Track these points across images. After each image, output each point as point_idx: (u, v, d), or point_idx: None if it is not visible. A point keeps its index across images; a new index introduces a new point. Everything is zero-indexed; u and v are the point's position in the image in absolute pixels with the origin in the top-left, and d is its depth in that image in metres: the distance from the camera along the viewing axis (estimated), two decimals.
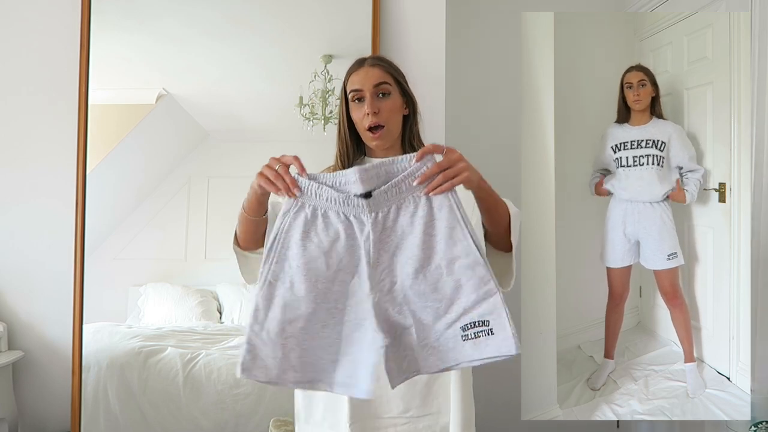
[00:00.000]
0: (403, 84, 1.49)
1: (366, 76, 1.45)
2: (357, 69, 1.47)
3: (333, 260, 1.20)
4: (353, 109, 1.46)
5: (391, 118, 1.44)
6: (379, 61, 1.49)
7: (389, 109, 1.44)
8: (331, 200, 1.20)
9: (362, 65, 1.48)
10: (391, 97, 1.45)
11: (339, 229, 1.20)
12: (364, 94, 1.44)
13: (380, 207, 1.20)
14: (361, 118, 1.44)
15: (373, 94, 1.43)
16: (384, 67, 1.47)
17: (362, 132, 1.46)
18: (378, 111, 1.42)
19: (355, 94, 1.45)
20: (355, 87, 1.45)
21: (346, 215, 1.20)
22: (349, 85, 1.47)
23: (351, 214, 1.20)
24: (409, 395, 1.42)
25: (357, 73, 1.46)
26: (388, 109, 1.44)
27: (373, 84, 1.43)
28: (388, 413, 1.42)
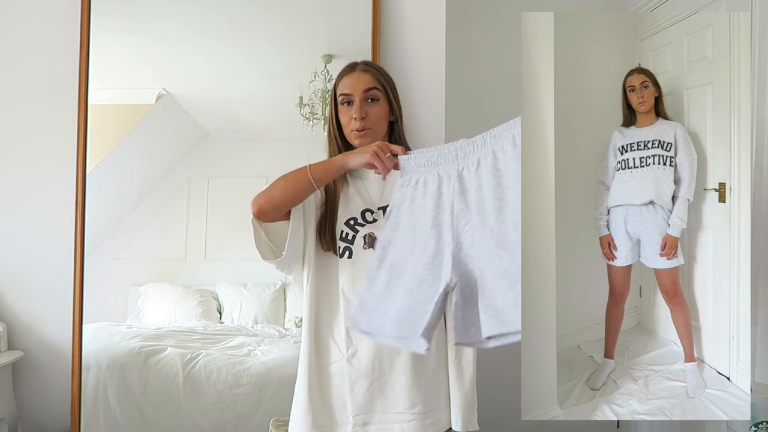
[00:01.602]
0: (391, 92, 1.53)
1: (357, 81, 1.49)
2: (348, 73, 1.51)
3: (430, 218, 1.29)
4: (342, 112, 1.51)
5: (378, 123, 1.50)
6: (369, 67, 1.53)
7: (377, 114, 1.49)
8: (429, 165, 1.32)
9: (354, 70, 1.51)
10: (379, 102, 1.50)
11: (434, 188, 1.30)
12: (353, 99, 1.48)
13: (466, 161, 1.30)
14: (349, 121, 1.49)
15: (362, 99, 1.48)
16: (374, 74, 1.51)
17: (347, 133, 1.51)
18: (366, 116, 1.48)
19: (344, 98, 1.50)
20: (345, 91, 1.50)
21: (440, 174, 1.31)
22: (339, 89, 1.52)
23: (443, 171, 1.31)
24: (415, 390, 1.42)
25: (348, 77, 1.51)
26: (375, 114, 1.49)
27: (363, 89, 1.48)
28: (394, 408, 1.43)
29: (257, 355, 2.22)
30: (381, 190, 1.51)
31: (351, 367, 1.44)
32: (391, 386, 1.42)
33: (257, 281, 2.38)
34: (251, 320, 2.35)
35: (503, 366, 2.72)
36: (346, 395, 1.44)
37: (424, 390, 1.43)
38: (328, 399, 1.47)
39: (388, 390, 1.42)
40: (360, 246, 1.45)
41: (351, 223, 1.47)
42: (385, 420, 1.43)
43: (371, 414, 1.43)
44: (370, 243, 1.45)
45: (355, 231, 1.46)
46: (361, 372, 1.43)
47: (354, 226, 1.47)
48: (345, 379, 1.44)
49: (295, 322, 2.35)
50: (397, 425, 1.42)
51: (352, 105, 1.49)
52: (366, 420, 1.43)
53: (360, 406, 1.43)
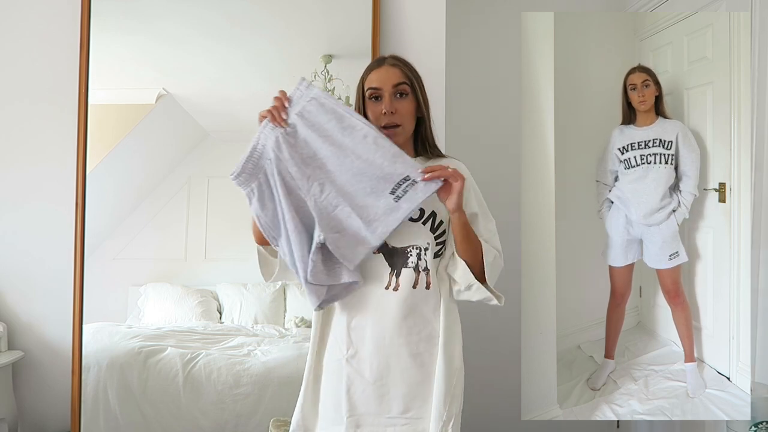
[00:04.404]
0: (419, 87, 1.50)
1: (386, 75, 1.47)
2: (377, 67, 1.49)
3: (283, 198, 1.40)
4: (369, 107, 1.48)
5: (407, 118, 1.47)
6: (398, 61, 1.50)
7: (406, 109, 1.46)
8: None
9: (382, 64, 1.49)
10: (408, 98, 1.47)
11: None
12: (382, 93, 1.46)
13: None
14: (377, 116, 1.46)
15: (392, 94, 1.46)
16: (403, 69, 1.49)
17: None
18: (395, 111, 1.45)
19: (373, 92, 1.47)
20: (374, 85, 1.47)
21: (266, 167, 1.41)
22: (367, 83, 1.49)
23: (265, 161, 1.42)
24: (410, 396, 1.42)
25: (377, 71, 1.48)
26: (404, 109, 1.46)
27: (393, 84, 1.46)
28: (387, 413, 1.42)
29: (257, 355, 2.22)
30: None
31: (350, 368, 1.43)
32: (387, 390, 1.42)
33: (257, 281, 2.38)
34: (251, 320, 2.35)
35: (503, 366, 2.72)
36: (342, 394, 1.44)
37: (420, 396, 1.42)
38: (325, 395, 1.48)
39: (385, 394, 1.42)
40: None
41: None
42: (379, 423, 1.43)
43: (365, 416, 1.43)
44: (379, 248, 1.44)
45: None
46: (359, 374, 1.43)
47: None
48: (343, 379, 1.44)
49: (295, 322, 2.35)
50: (390, 428, 1.42)
51: (380, 100, 1.46)
52: (359, 422, 1.43)
53: (355, 407, 1.43)
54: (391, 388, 1.42)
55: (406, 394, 1.41)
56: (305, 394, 1.49)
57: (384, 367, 1.42)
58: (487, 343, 2.59)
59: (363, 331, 1.43)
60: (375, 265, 1.43)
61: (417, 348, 1.42)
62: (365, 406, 1.42)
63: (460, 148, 1.53)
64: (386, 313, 1.41)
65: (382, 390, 1.42)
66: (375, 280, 1.43)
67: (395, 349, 1.41)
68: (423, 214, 1.44)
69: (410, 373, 1.41)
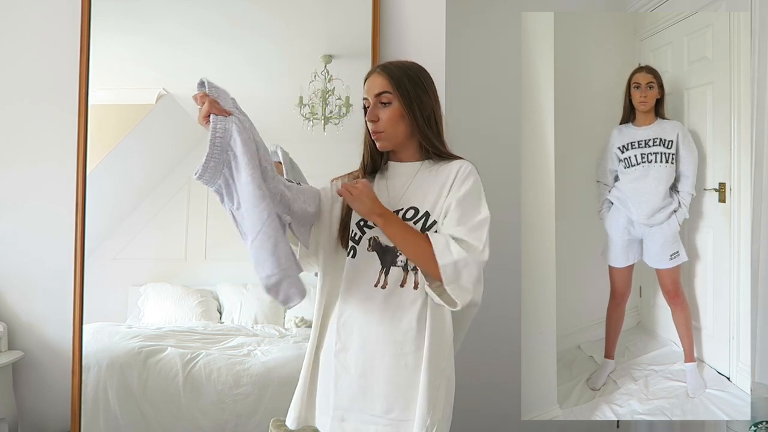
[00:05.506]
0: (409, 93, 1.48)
1: (371, 84, 1.49)
2: (368, 77, 1.52)
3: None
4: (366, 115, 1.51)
5: (389, 126, 1.48)
6: (384, 69, 1.50)
7: (387, 117, 1.47)
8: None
9: (372, 73, 1.52)
10: (390, 106, 1.48)
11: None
12: (369, 103, 1.49)
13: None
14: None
15: (375, 103, 1.48)
16: (390, 76, 1.48)
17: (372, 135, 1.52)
18: (377, 119, 1.47)
19: (364, 101, 1.51)
20: (363, 95, 1.51)
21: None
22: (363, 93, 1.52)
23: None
24: (393, 397, 1.42)
25: (367, 81, 1.51)
26: (385, 117, 1.47)
27: (374, 94, 1.48)
28: (371, 411, 1.43)
29: (257, 355, 2.22)
30: (403, 190, 1.49)
31: (337, 362, 1.46)
32: (370, 388, 1.43)
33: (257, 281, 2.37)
34: (251, 320, 2.35)
35: (503, 366, 2.72)
36: (330, 387, 1.46)
37: (404, 398, 1.42)
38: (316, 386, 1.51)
39: (368, 391, 1.43)
40: (364, 248, 1.46)
41: (361, 224, 1.48)
42: (362, 420, 1.44)
43: (350, 411, 1.45)
44: (374, 246, 1.45)
45: (362, 232, 1.47)
46: (345, 369, 1.45)
47: (363, 228, 1.47)
48: (331, 372, 1.46)
49: (295, 322, 2.35)
50: (372, 427, 1.44)
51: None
52: (344, 416, 1.45)
53: (341, 400, 1.45)
54: (374, 386, 1.43)
55: (389, 394, 1.42)
56: (302, 384, 1.52)
57: (368, 365, 1.43)
58: (487, 343, 2.59)
59: (352, 327, 1.45)
60: (369, 263, 1.45)
61: (402, 348, 1.42)
62: (350, 401, 1.44)
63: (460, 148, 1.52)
64: (373, 311, 1.43)
65: (366, 387, 1.43)
66: (367, 277, 1.45)
67: (380, 347, 1.42)
68: (416, 214, 1.44)
69: (394, 373, 1.42)
